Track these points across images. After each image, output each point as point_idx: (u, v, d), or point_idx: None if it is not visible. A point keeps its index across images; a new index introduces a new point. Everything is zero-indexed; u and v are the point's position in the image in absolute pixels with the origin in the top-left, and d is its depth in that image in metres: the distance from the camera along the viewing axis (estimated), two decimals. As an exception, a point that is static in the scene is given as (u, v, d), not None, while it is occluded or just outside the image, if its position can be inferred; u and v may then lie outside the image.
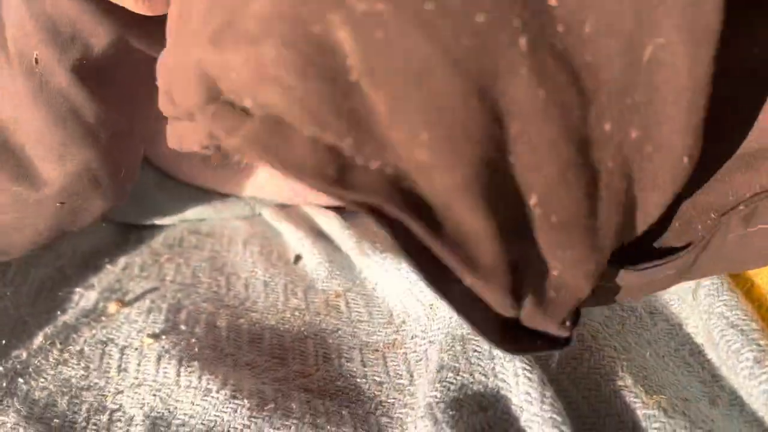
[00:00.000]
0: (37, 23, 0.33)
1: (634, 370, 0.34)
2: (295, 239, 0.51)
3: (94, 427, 0.34)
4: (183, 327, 0.41)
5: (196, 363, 0.37)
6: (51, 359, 0.39)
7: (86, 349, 0.40)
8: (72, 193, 0.38)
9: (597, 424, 0.32)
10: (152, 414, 0.34)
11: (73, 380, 0.38)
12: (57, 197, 0.38)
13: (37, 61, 0.34)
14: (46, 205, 0.39)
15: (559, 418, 0.29)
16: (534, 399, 0.30)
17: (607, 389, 0.33)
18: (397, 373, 0.37)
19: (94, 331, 0.42)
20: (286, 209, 0.56)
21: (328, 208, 0.55)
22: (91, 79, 0.36)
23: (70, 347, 0.40)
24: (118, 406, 0.36)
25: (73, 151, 0.37)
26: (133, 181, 0.43)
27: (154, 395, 0.36)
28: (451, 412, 0.30)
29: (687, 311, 0.39)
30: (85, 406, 0.36)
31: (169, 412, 0.34)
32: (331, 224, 0.51)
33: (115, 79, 0.38)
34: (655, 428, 0.30)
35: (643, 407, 0.31)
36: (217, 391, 0.35)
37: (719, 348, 0.34)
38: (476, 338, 0.34)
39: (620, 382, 0.33)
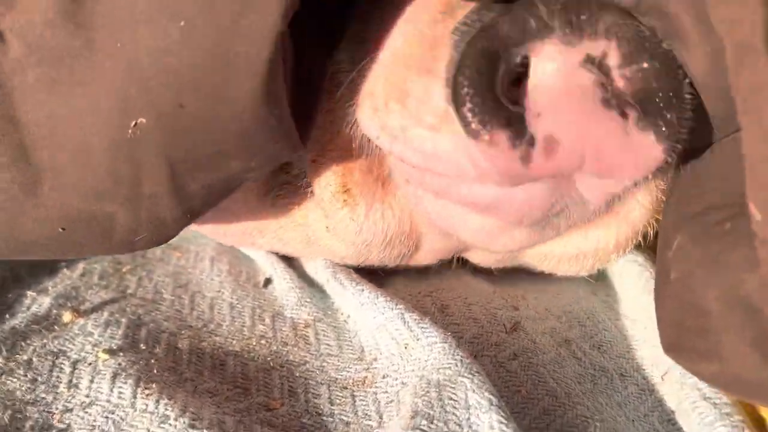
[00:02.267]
0: None
1: (605, 430, 0.34)
2: (266, 262, 0.49)
3: (37, 448, 0.32)
4: (142, 346, 0.39)
5: (154, 385, 0.35)
6: (-5, 366, 0.36)
7: (35, 359, 0.37)
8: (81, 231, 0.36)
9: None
10: (102, 438, 0.32)
11: (18, 393, 0.35)
12: (60, 222, 0.35)
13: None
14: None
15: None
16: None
17: (579, 448, 0.33)
18: (366, 414, 0.36)
19: (44, 341, 0.39)
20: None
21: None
22: None
23: (17, 356, 0.37)
24: (65, 426, 0.33)
25: (106, 202, 0.34)
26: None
27: (106, 417, 0.33)
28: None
29: (658, 378, 0.39)
30: (29, 423, 0.33)
31: (121, 436, 0.32)
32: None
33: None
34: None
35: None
36: (175, 419, 0.33)
37: (691, 419, 0.34)
38: (452, 385, 0.33)
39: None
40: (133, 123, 0.31)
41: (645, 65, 0.29)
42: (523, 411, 0.35)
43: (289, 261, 0.50)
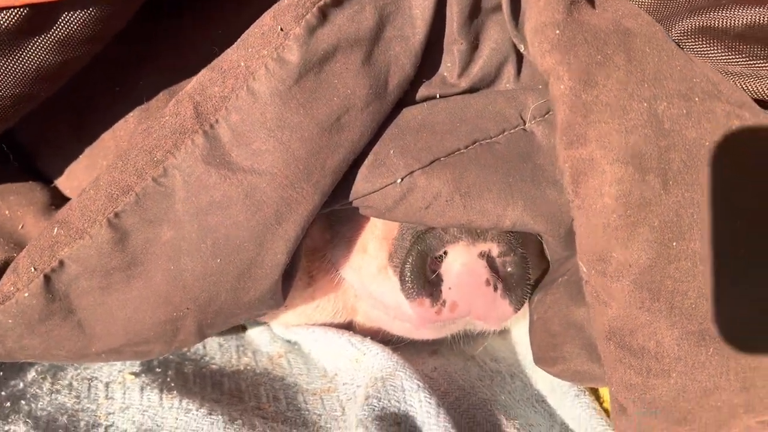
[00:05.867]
0: None
1: (498, 407, 0.49)
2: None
3: (93, 437, 0.43)
4: (158, 369, 0.51)
5: (174, 392, 0.48)
6: (45, 389, 0.48)
7: (74, 383, 0.49)
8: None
9: (473, 439, 0.46)
10: (143, 427, 0.44)
11: (68, 404, 0.46)
12: (110, 357, 0.47)
13: None
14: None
15: (449, 425, 0.43)
16: (432, 415, 0.44)
17: (481, 416, 0.48)
18: (333, 408, 0.50)
19: (78, 371, 0.50)
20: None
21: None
22: None
23: (60, 381, 0.49)
24: (111, 423, 0.45)
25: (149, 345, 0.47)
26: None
27: (143, 414, 0.45)
28: (376, 422, 0.43)
29: (536, 377, 0.55)
30: (83, 422, 0.45)
31: (157, 425, 0.44)
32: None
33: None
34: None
35: (504, 427, 0.46)
36: (197, 410, 0.45)
37: (558, 398, 0.50)
38: (392, 378, 0.48)
39: (489, 413, 0.48)
40: (180, 312, 0.45)
41: (510, 259, 0.49)
42: (442, 400, 0.50)
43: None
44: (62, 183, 0.53)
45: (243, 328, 0.62)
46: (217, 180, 0.41)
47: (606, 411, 0.48)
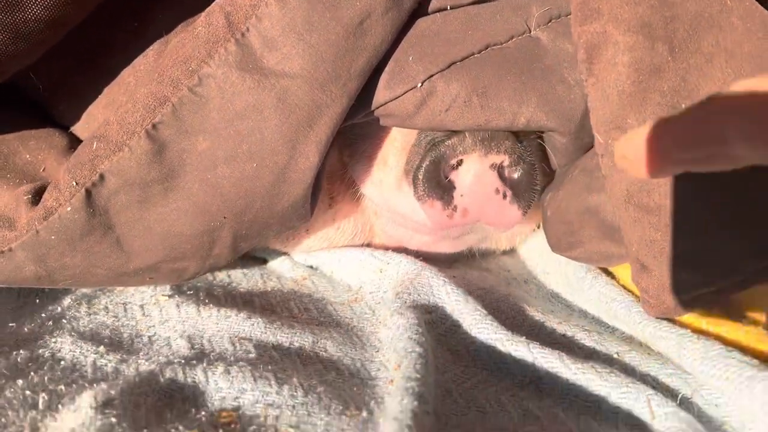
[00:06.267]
0: None
1: (519, 299, 0.52)
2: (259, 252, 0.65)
3: (139, 344, 0.45)
4: (188, 292, 0.53)
5: (211, 305, 0.49)
6: (82, 311, 0.49)
7: (110, 306, 0.50)
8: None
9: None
10: (186, 333, 0.46)
11: (108, 322, 0.48)
12: (147, 274, 0.49)
13: None
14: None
15: (482, 310, 0.46)
16: (461, 302, 0.47)
17: (504, 306, 0.50)
18: (362, 312, 0.52)
19: (111, 297, 0.52)
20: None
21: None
22: None
23: (95, 306, 0.50)
24: (153, 333, 0.46)
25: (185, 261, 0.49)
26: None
27: (183, 323, 0.47)
28: (410, 309, 0.46)
29: (550, 278, 0.58)
30: (126, 334, 0.46)
31: (199, 330, 0.46)
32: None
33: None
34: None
35: (527, 312, 0.49)
36: (236, 315, 0.47)
37: (570, 286, 0.53)
38: (419, 277, 0.51)
39: (512, 304, 0.51)
40: (216, 222, 0.46)
41: (519, 168, 0.51)
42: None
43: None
44: (80, 128, 0.54)
45: (264, 261, 0.63)
46: (251, 85, 0.43)
47: (624, 288, 0.51)
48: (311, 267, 0.61)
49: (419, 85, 0.46)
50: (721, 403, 0.41)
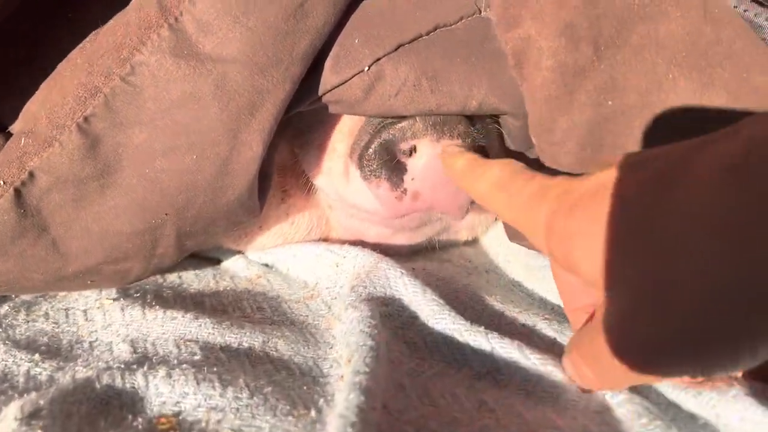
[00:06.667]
0: None
1: (478, 289, 0.51)
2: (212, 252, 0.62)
3: (79, 351, 0.42)
4: (135, 294, 0.50)
5: (157, 307, 0.47)
6: (20, 319, 0.46)
7: (50, 312, 0.48)
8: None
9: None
10: (129, 337, 0.43)
11: (47, 329, 0.45)
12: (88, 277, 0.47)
13: None
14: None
15: (440, 300, 0.44)
16: (418, 293, 0.45)
17: (463, 296, 0.49)
18: (318, 309, 0.50)
19: (52, 303, 0.49)
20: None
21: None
22: None
23: (34, 313, 0.47)
24: (95, 339, 0.44)
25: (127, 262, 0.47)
26: None
27: (126, 327, 0.45)
28: (365, 302, 0.44)
29: (511, 267, 0.57)
30: (65, 341, 0.44)
31: (143, 334, 0.44)
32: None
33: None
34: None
35: (487, 301, 0.48)
36: (182, 317, 0.45)
37: (531, 275, 0.52)
38: (375, 269, 0.49)
39: (471, 293, 0.49)
40: (158, 219, 0.44)
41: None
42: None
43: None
44: (18, 126, 0.51)
45: (217, 261, 0.61)
46: (187, 72, 0.41)
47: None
48: (266, 265, 0.59)
49: (366, 68, 0.44)
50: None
